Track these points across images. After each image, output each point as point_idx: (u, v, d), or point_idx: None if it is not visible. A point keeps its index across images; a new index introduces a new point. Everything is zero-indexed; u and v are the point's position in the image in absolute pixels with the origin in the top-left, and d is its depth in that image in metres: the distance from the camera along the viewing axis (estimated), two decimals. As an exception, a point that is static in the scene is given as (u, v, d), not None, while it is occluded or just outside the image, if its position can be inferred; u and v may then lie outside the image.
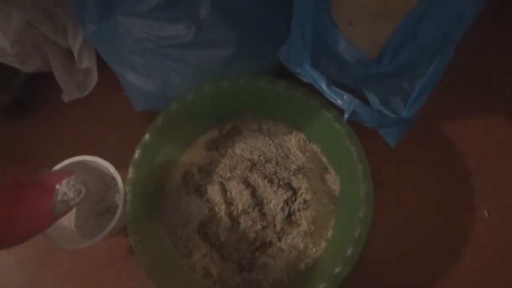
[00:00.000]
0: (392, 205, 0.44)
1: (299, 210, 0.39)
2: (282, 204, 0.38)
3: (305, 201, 0.39)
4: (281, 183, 0.40)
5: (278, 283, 0.37)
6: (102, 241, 0.35)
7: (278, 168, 0.41)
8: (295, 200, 0.39)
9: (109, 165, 0.37)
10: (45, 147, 0.48)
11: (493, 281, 0.41)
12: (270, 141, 0.43)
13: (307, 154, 0.42)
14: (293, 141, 0.43)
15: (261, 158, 0.41)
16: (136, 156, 0.36)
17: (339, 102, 0.33)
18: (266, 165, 0.41)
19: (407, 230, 0.43)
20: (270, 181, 0.39)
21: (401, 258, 0.42)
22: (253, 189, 0.39)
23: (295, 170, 0.41)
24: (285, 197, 0.38)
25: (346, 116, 0.33)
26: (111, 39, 0.39)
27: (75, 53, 0.42)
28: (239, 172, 0.40)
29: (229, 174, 0.41)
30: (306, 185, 0.39)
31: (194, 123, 0.42)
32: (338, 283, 0.32)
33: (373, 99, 0.35)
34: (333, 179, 0.41)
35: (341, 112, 0.34)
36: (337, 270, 0.32)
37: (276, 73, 0.42)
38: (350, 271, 0.32)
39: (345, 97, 0.33)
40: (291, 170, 0.41)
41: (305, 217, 0.38)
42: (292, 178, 0.40)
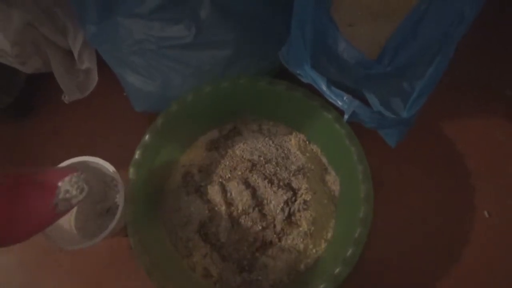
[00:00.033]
0: (392, 206, 0.44)
1: (299, 211, 0.39)
2: (282, 205, 0.38)
3: (305, 202, 0.39)
4: (281, 183, 0.40)
5: (278, 283, 0.37)
6: (103, 241, 0.35)
7: (278, 169, 0.41)
8: (295, 201, 0.39)
9: (109, 166, 0.37)
10: (45, 147, 0.48)
11: (493, 281, 0.41)
12: (270, 142, 0.43)
13: (307, 154, 0.42)
14: (293, 141, 0.43)
15: (261, 158, 0.41)
16: (136, 156, 0.36)
17: (339, 103, 0.33)
18: (266, 165, 0.41)
19: (407, 231, 0.43)
20: (270, 182, 0.39)
21: (401, 259, 0.42)
22: (253, 190, 0.39)
23: (295, 171, 0.41)
24: (285, 197, 0.38)
25: (346, 117, 0.34)
26: (111, 40, 0.39)
27: (75, 53, 0.42)
28: (239, 173, 0.40)
29: (229, 175, 0.41)
30: (306, 185, 0.39)
31: (194, 123, 0.42)
32: (338, 283, 0.32)
33: (373, 100, 0.35)
34: (333, 179, 0.41)
35: (341, 113, 0.34)
36: (337, 271, 0.32)
37: (276, 73, 0.42)
38: (350, 271, 0.32)
39: (345, 98, 0.33)
40: (291, 171, 0.41)
41: (305, 218, 0.38)
42: (292, 178, 0.40)
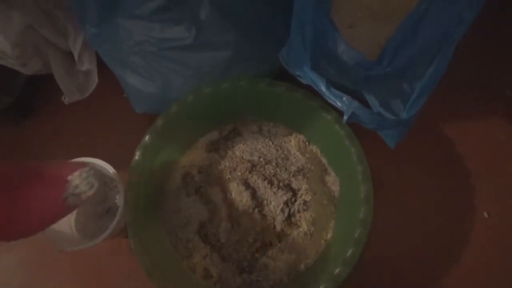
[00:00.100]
0: (392, 206, 0.44)
1: (299, 211, 0.39)
2: (282, 206, 0.38)
3: (305, 202, 0.39)
4: (281, 184, 0.40)
5: (278, 284, 0.37)
6: (103, 242, 0.35)
7: (278, 170, 0.41)
8: (295, 202, 0.39)
9: (109, 167, 0.37)
10: (46, 148, 0.48)
11: (493, 281, 0.41)
12: (270, 143, 0.43)
13: (307, 155, 0.42)
14: (293, 142, 0.43)
15: (261, 159, 0.41)
16: (136, 157, 0.36)
17: (338, 104, 0.33)
18: (266, 166, 0.41)
19: (407, 231, 0.43)
20: (270, 183, 0.39)
21: (401, 259, 0.42)
22: (253, 191, 0.39)
23: (295, 172, 0.41)
24: (285, 198, 0.38)
25: (345, 118, 0.33)
26: (111, 41, 0.39)
27: (75, 55, 0.42)
28: (239, 174, 0.40)
29: (229, 176, 0.41)
30: (306, 186, 0.39)
31: (194, 125, 0.42)
32: (338, 283, 0.32)
33: (372, 101, 0.35)
34: (333, 180, 0.41)
35: (341, 114, 0.34)
36: (337, 271, 0.32)
37: (276, 75, 0.42)
38: (350, 271, 0.32)
39: (344, 99, 0.33)
40: (291, 172, 0.41)
41: (305, 218, 0.38)
42: (292, 179, 0.40)
